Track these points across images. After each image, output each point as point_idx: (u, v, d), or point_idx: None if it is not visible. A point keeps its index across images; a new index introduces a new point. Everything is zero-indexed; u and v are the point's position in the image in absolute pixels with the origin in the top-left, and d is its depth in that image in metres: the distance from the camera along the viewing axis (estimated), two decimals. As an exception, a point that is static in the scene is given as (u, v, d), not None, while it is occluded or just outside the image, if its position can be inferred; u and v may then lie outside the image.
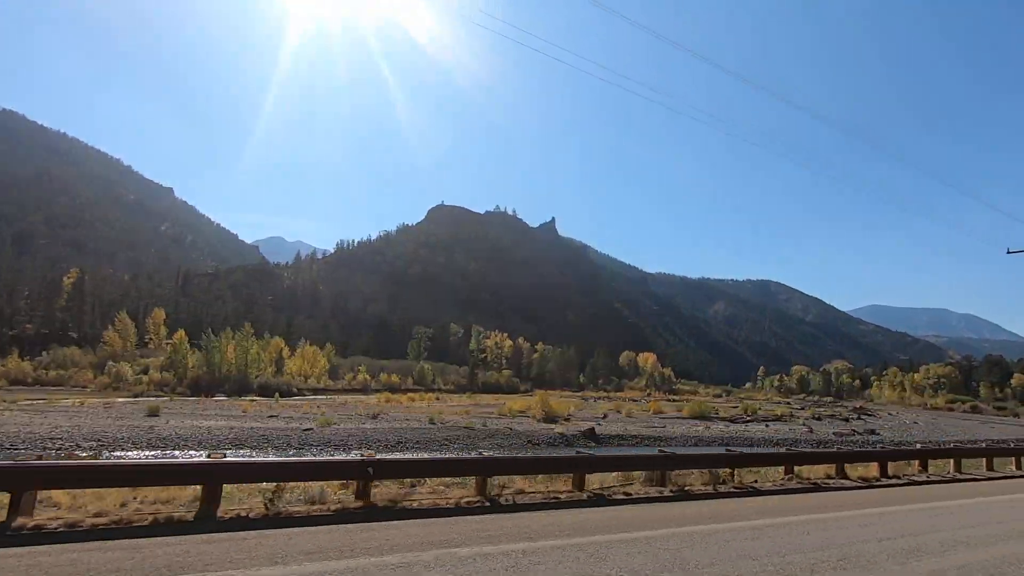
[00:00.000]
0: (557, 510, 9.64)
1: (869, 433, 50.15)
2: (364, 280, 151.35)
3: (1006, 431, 73.90)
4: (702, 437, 39.22)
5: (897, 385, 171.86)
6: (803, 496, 12.81)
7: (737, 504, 11.16)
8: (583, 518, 9.01)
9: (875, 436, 48.86)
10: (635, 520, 9.06)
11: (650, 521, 8.97)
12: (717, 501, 11.50)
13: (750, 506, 10.99)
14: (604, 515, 9.46)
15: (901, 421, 76.87)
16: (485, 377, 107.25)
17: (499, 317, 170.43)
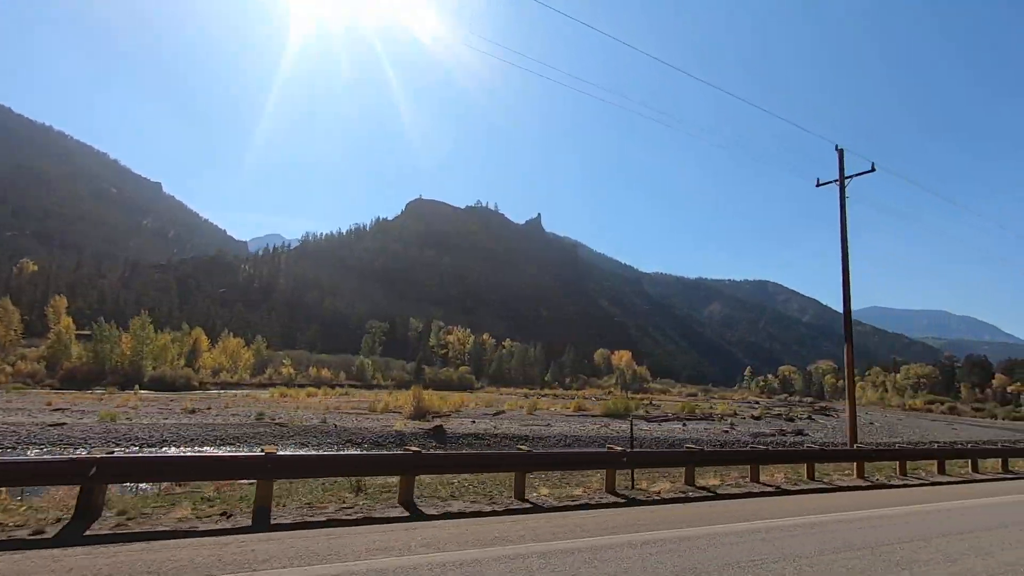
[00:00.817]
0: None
1: (796, 434, 45.26)
2: (327, 273, 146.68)
3: (969, 433, 69.01)
4: (582, 437, 34.36)
5: (880, 385, 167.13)
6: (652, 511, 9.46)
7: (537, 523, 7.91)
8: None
9: (803, 437, 44.04)
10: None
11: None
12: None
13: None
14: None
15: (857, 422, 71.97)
16: (438, 373, 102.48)
17: (469, 313, 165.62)
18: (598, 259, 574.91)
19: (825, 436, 47.51)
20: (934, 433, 68.20)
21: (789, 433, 44.68)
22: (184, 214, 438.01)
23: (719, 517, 8.93)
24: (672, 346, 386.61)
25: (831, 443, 43.69)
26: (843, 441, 48.36)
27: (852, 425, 20.75)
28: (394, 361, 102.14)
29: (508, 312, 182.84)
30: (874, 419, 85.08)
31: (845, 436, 50.53)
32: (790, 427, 50.21)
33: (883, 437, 56.85)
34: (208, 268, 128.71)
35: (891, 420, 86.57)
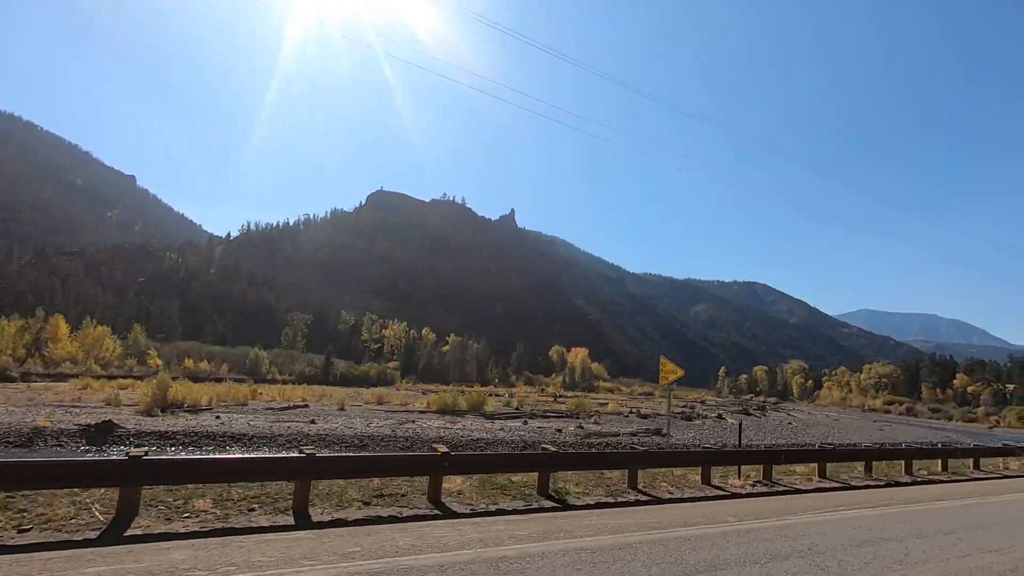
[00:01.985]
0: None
1: (655, 434, 38.35)
2: (264, 264, 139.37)
3: (903, 434, 62.66)
4: (349, 436, 27.66)
5: (844, 385, 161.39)
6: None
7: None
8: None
9: (661, 438, 37.33)
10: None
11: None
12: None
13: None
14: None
15: (774, 421, 65.30)
16: (353, 368, 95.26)
17: (418, 307, 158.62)
18: (583, 258, 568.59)
19: (695, 437, 40.74)
20: (859, 434, 61.62)
21: (641, 433, 37.84)
22: (157, 208, 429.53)
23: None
24: (651, 346, 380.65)
25: (696, 445, 37.05)
26: (718, 443, 41.62)
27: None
28: (301, 355, 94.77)
29: (462, 307, 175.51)
30: (816, 419, 78.55)
31: (724, 438, 43.53)
32: (653, 426, 43.42)
33: (802, 437, 50.31)
34: (129, 256, 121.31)
35: (824, 419, 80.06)
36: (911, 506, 11.96)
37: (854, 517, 10.34)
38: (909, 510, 11.45)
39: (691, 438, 40.02)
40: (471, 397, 45.23)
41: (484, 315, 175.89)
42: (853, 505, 11.69)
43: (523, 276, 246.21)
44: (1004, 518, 11.06)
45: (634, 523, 8.76)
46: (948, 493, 14.62)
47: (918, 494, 14.08)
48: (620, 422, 46.59)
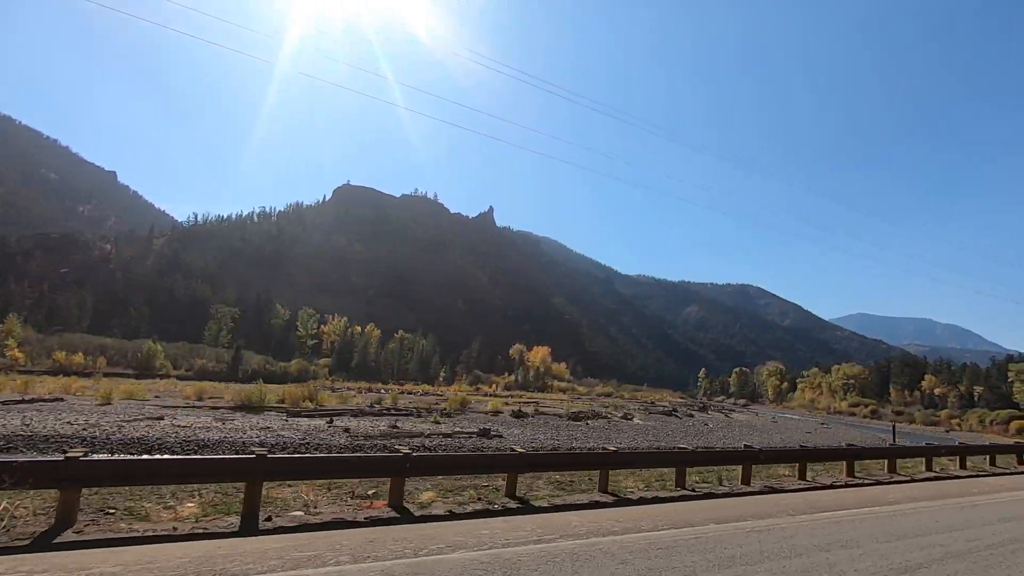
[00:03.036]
0: None
1: (481, 436, 31.95)
2: (206, 257, 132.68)
3: (845, 436, 56.43)
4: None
5: (817, 387, 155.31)
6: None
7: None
8: None
9: (499, 440, 31.02)
10: None
11: None
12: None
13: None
14: None
15: (698, 422, 58.99)
16: (267, 363, 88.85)
17: (372, 302, 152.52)
18: (573, 259, 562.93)
19: (542, 437, 34.33)
20: (783, 436, 55.34)
21: (475, 435, 31.49)
22: (137, 204, 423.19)
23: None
24: (635, 347, 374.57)
25: (526, 446, 30.81)
26: (573, 445, 35.43)
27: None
28: (209, 349, 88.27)
29: (420, 303, 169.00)
30: (755, 421, 72.34)
31: (591, 440, 37.24)
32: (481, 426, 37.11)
33: (707, 440, 44.07)
34: (54, 246, 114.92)
35: (762, 422, 73.82)
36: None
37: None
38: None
39: (528, 438, 33.61)
40: (297, 392, 38.99)
41: (444, 311, 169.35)
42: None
43: (495, 273, 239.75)
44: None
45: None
46: (812, 504, 11.16)
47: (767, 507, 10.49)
48: (483, 421, 40.34)
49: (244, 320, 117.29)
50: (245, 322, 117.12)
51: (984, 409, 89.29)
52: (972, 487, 15.74)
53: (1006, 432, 77.06)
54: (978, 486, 16.13)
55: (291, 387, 44.84)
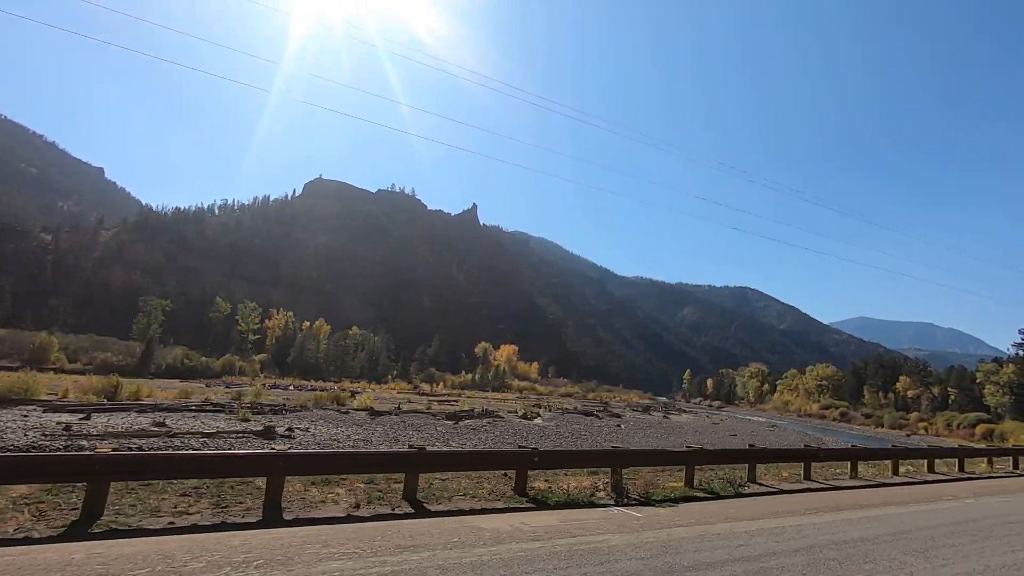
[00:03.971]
0: None
1: (262, 435, 26.18)
2: (155, 250, 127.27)
3: (781, 437, 50.64)
4: None
5: (794, 389, 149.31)
6: None
7: None
8: None
9: (261, 440, 25.37)
10: None
11: None
12: None
13: None
14: None
15: (631, 424, 53.15)
16: (187, 358, 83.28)
17: (330, 297, 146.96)
18: (566, 259, 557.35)
19: (342, 435, 28.60)
20: (716, 437, 49.44)
21: (249, 433, 25.78)
22: (123, 200, 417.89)
23: None
24: (624, 348, 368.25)
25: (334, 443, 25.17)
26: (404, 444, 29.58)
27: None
28: (117, 342, 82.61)
29: (385, 300, 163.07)
30: (702, 423, 66.40)
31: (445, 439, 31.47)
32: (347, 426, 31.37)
33: (628, 440, 38.25)
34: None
35: (708, 423, 67.84)
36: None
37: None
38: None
39: (330, 437, 27.78)
40: (98, 384, 33.44)
41: (408, 309, 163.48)
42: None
43: (473, 272, 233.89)
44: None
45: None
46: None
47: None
48: (313, 418, 34.62)
49: (182, 314, 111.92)
50: (183, 316, 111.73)
51: (953, 412, 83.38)
52: (870, 499, 13.43)
53: (971, 436, 71.64)
54: (882, 497, 13.88)
55: (94, 379, 39.25)
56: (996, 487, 18.42)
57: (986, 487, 18.18)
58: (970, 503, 13.95)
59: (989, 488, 17.96)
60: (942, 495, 15.40)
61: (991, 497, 15.53)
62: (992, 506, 13.65)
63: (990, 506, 13.63)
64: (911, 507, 12.66)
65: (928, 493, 15.69)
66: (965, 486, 18.08)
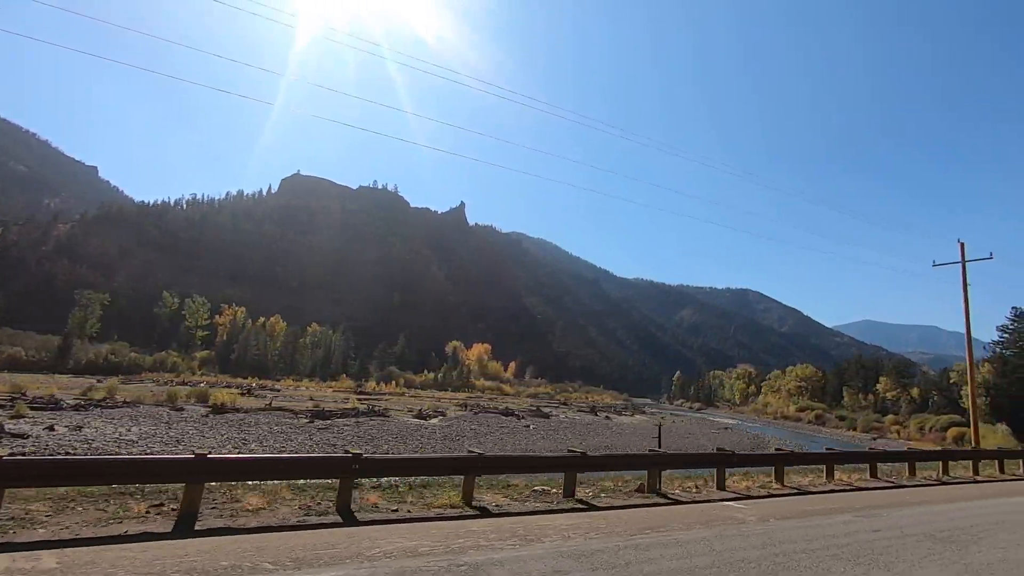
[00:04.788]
0: None
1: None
2: (112, 244, 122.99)
3: (720, 440, 46.00)
4: None
5: (776, 390, 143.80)
6: None
7: None
8: None
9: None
10: None
11: None
12: None
13: None
14: None
15: (554, 423, 48.18)
16: (111, 353, 78.93)
17: (294, 294, 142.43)
18: (560, 259, 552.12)
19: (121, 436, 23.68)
20: (636, 442, 44.46)
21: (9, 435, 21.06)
22: (116, 198, 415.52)
23: None
24: (617, 349, 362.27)
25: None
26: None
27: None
28: (30, 337, 78.02)
29: (354, 297, 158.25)
30: (640, 425, 61.27)
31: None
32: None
33: (541, 443, 33.44)
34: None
35: (645, 427, 62.66)
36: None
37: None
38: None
39: (105, 437, 23.09)
40: None
41: (378, 307, 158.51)
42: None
43: (456, 270, 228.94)
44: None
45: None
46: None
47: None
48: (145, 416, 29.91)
49: (132, 309, 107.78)
50: (133, 312, 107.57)
51: (927, 415, 78.14)
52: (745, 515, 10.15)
53: (943, 440, 66.52)
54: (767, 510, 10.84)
55: None
56: (941, 495, 14.87)
57: (918, 497, 14.32)
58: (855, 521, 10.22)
59: (929, 497, 14.46)
60: (850, 506, 12.04)
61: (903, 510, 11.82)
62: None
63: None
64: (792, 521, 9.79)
65: (838, 504, 12.41)
66: (893, 496, 14.46)
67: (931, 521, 10.37)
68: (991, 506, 13.21)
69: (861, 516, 10.59)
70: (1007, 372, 67.52)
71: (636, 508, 10.78)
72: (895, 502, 13.04)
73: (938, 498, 14.14)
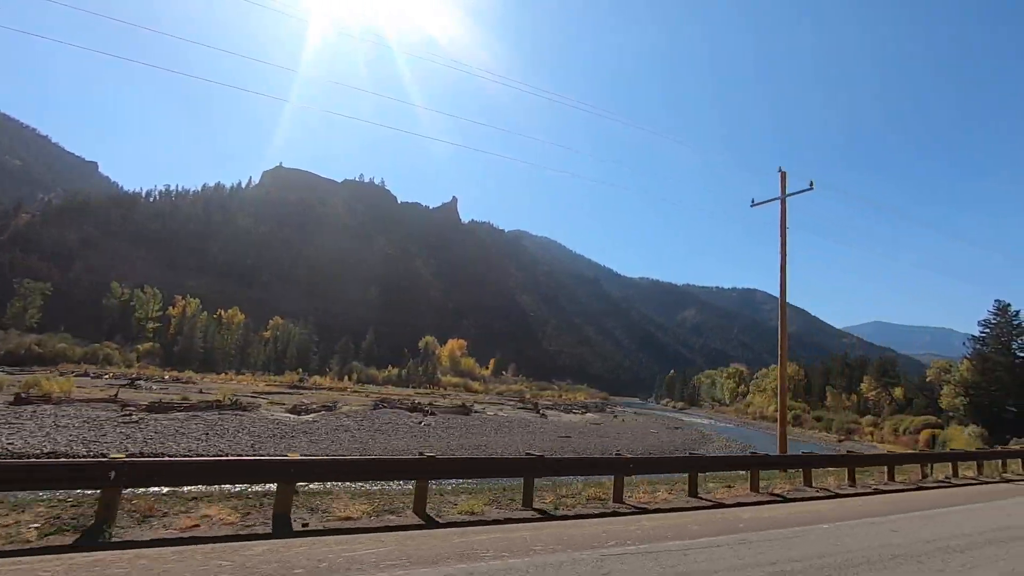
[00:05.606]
0: None
1: None
2: (69, 236, 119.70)
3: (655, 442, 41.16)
4: None
5: (763, 390, 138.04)
6: None
7: None
8: None
9: None
10: None
11: None
12: None
13: None
14: None
15: (476, 421, 43.31)
16: (34, 344, 75.13)
17: (264, 288, 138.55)
18: (560, 257, 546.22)
19: None
20: (544, 443, 39.53)
21: None
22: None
23: None
24: (614, 348, 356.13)
25: None
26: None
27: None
28: None
29: (328, 291, 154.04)
30: (576, 423, 56.29)
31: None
32: None
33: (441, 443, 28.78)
34: None
35: (579, 424, 57.55)
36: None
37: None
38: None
39: None
40: None
41: (353, 302, 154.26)
42: None
43: (442, 266, 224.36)
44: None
45: None
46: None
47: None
48: None
49: (85, 300, 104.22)
50: (87, 303, 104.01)
51: (902, 416, 72.69)
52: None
53: (915, 442, 61.29)
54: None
55: None
56: (829, 513, 11.42)
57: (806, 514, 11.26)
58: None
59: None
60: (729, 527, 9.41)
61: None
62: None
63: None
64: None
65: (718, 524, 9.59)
66: (777, 513, 11.39)
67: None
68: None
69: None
70: (987, 370, 61.83)
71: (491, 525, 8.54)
72: (777, 522, 9.77)
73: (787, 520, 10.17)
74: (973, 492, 16.50)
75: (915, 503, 13.53)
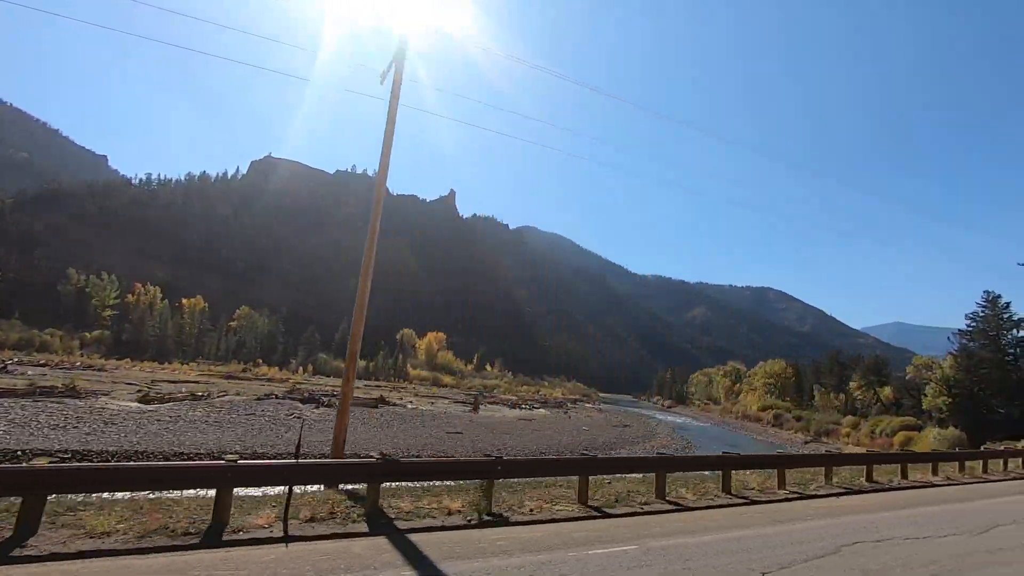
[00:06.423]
0: None
1: None
2: (37, 224, 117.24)
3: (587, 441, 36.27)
4: None
5: (753, 389, 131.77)
6: None
7: None
8: None
9: None
10: None
11: None
12: None
13: None
14: None
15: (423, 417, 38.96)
16: None
17: (236, 279, 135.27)
18: (566, 254, 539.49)
19: None
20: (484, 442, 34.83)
21: None
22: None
23: None
24: (614, 345, 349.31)
25: None
26: None
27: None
28: None
29: (307, 283, 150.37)
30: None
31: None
32: None
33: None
34: None
35: (512, 421, 52.71)
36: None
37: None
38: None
39: None
40: None
41: (333, 294, 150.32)
42: None
43: (433, 260, 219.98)
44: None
45: None
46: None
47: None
48: None
49: (48, 289, 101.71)
50: (46, 290, 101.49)
51: (882, 416, 66.73)
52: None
53: (890, 445, 55.45)
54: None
55: None
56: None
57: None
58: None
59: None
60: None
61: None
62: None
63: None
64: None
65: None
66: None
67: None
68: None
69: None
70: (972, 367, 55.52)
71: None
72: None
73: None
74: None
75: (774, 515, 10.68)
